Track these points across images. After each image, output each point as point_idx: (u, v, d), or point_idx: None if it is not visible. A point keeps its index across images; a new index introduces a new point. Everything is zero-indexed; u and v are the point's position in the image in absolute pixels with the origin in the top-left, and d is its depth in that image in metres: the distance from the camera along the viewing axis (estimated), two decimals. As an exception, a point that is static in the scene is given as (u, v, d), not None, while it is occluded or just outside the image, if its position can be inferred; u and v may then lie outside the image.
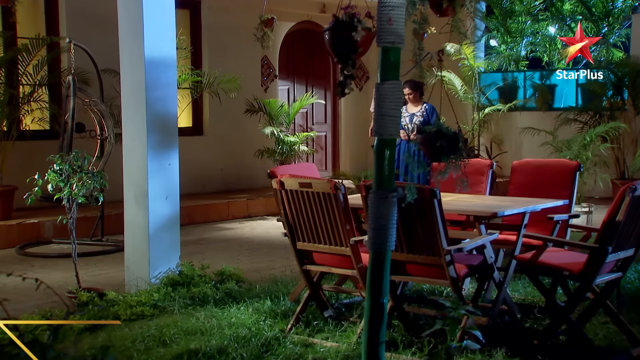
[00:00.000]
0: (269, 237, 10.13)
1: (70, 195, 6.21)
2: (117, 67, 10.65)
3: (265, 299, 6.30)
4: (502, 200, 5.94)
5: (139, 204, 6.75)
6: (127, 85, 6.80)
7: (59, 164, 6.19)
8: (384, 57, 3.94)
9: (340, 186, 5.16)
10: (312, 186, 5.28)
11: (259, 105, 12.37)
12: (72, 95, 8.73)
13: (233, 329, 5.52)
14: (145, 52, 6.59)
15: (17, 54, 9.70)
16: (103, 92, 9.52)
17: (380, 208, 3.94)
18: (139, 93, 6.65)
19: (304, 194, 5.36)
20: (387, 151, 3.91)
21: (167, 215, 6.86)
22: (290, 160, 12.44)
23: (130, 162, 6.82)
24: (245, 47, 12.65)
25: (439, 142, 4.12)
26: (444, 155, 4.15)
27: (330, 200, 5.22)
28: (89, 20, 10.92)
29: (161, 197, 6.79)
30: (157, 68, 6.70)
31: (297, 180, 5.40)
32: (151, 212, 6.71)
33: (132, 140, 6.77)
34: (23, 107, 9.84)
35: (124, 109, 6.89)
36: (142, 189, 6.71)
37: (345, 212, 5.22)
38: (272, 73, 13.67)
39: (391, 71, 3.94)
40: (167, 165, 6.81)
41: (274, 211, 12.08)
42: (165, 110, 6.80)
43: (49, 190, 6.28)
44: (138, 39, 6.63)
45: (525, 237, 5.64)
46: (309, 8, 14.00)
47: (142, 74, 6.61)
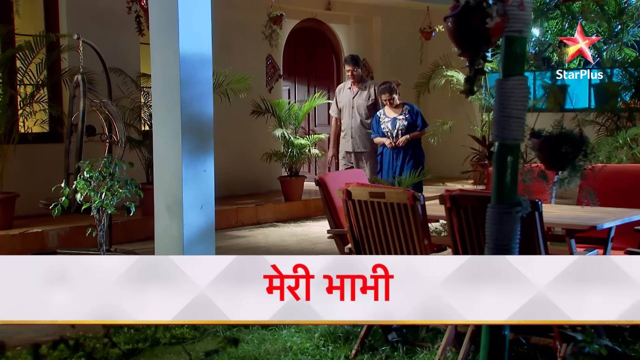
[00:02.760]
0: (286, 246, 9.56)
1: (101, 205, 5.60)
2: (121, 66, 10.19)
3: (316, 319, 5.73)
4: (590, 211, 5.41)
5: (172, 214, 6.16)
6: (159, 84, 6.20)
7: (88, 171, 5.59)
8: (508, 49, 3.40)
9: (420, 196, 4.62)
10: (385, 196, 4.74)
11: (266, 106, 11.78)
12: (82, 96, 8.10)
13: (291, 356, 4.97)
14: (180, 47, 6.00)
15: (19, 51, 9.04)
16: (111, 92, 8.89)
17: (503, 226, 3.39)
18: (173, 92, 6.06)
19: (374, 205, 4.81)
20: (509, 158, 3.37)
21: (203, 226, 6.27)
22: (299, 164, 11.89)
23: (162, 169, 6.23)
24: (250, 46, 12.10)
25: (564, 147, 3.58)
26: (568, 162, 3.61)
27: (407, 212, 4.68)
28: (90, 16, 10.31)
29: (196, 207, 6.20)
30: (193, 64, 6.11)
31: (367, 189, 4.84)
32: (186, 223, 6.11)
33: (164, 144, 6.18)
34: (25, 108, 9.17)
35: (154, 110, 6.30)
36: (176, 198, 6.12)
37: (424, 226, 4.68)
38: (276, 73, 13.09)
39: (517, 65, 3.41)
40: (202, 171, 6.23)
41: (284, 217, 11.55)
42: (200, 111, 6.21)
43: (77, 200, 5.66)
44: (172, 32, 6.02)
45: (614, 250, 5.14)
46: (314, 5, 13.45)
47: (176, 72, 6.02)
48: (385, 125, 9.27)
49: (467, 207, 4.44)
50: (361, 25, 14.53)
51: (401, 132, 9.16)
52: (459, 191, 4.48)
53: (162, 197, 6.23)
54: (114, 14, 10.48)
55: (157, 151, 6.26)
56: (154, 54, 6.24)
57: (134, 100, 10.46)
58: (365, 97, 9.80)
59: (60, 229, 9.18)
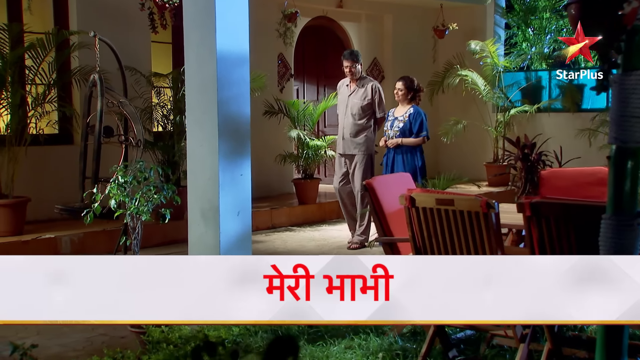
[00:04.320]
0: (307, 252, 9.21)
1: (137, 212, 5.23)
2: (132, 64, 9.79)
3: (366, 334, 5.37)
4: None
5: (207, 221, 5.78)
6: (194, 84, 5.82)
7: (123, 175, 5.21)
8: (631, 40, 3.04)
9: (494, 204, 4.27)
10: (455, 203, 4.38)
11: (280, 106, 11.40)
12: (99, 96, 7.70)
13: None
14: (217, 44, 5.62)
15: (30, 49, 8.63)
16: (127, 92, 8.49)
17: (622, 239, 3.05)
18: (209, 92, 5.68)
19: (441, 213, 4.46)
20: (630, 163, 3.01)
21: (239, 234, 5.89)
22: (314, 166, 11.51)
23: (197, 173, 5.85)
24: (263, 44, 11.70)
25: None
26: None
27: (478, 221, 4.33)
28: (101, 13, 9.93)
29: (233, 213, 5.82)
30: (230, 62, 5.73)
31: (433, 196, 4.49)
32: (222, 230, 5.74)
33: (199, 147, 5.81)
34: (36, 109, 8.76)
35: (188, 111, 5.92)
36: (212, 204, 5.74)
37: (497, 236, 4.33)
38: (288, 72, 12.69)
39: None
40: (239, 175, 5.85)
41: (298, 221, 11.19)
42: (238, 112, 5.84)
43: (112, 207, 5.28)
44: (209, 29, 5.64)
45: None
46: (325, 2, 13.07)
47: (213, 70, 5.64)
48: (387, 124, 8.85)
49: (550, 216, 4.09)
50: (372, 23, 14.16)
51: (395, 134, 8.68)
52: (541, 198, 4.13)
53: (196, 202, 5.85)
54: (125, 10, 10.10)
55: (192, 154, 5.88)
56: (188, 51, 5.86)
57: (146, 100, 10.09)
58: (360, 97, 9.11)
59: (74, 234, 8.81)
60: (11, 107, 8.54)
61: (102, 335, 5.98)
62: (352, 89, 9.22)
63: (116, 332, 6.00)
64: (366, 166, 9.09)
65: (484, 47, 13.17)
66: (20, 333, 6.01)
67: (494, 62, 13.31)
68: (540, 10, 13.96)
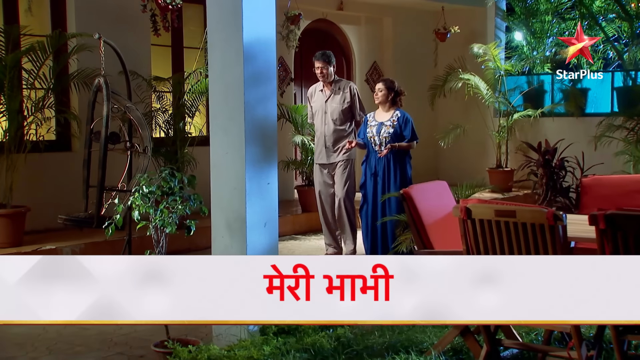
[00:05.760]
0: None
1: (162, 224, 4.88)
2: (133, 68, 9.37)
3: (407, 353, 5.04)
4: None
5: (233, 233, 5.43)
6: (218, 87, 5.47)
7: (147, 185, 4.86)
8: None
9: (562, 216, 3.95)
10: (517, 215, 4.07)
11: (282, 111, 11.04)
12: (105, 101, 7.33)
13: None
14: (244, 45, 5.28)
15: (30, 52, 8.24)
16: (131, 97, 8.11)
17: None
18: (235, 96, 5.33)
19: (500, 225, 4.14)
20: None
21: (266, 246, 5.54)
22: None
23: (221, 182, 5.49)
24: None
25: None
26: None
27: (543, 234, 4.02)
28: (100, 15, 9.54)
29: (259, 224, 5.48)
30: (257, 64, 5.39)
31: (492, 207, 4.17)
32: (249, 242, 5.38)
33: (224, 154, 5.45)
34: (36, 114, 8.36)
35: (212, 116, 5.57)
36: (238, 215, 5.39)
37: (565, 250, 4.02)
38: (288, 76, 12.33)
39: None
40: (266, 184, 5.51)
41: (302, 229, 10.85)
42: (265, 115, 5.49)
43: (135, 219, 4.92)
44: (235, 27, 5.29)
45: None
46: (325, 5, 12.74)
47: (239, 73, 5.29)
48: (371, 130, 8.25)
49: (629, 230, 3.77)
50: (372, 26, 13.85)
51: (385, 140, 8.13)
52: (617, 210, 3.82)
53: (221, 214, 5.49)
54: (125, 13, 9.74)
55: (216, 162, 5.53)
56: (212, 52, 5.51)
57: (147, 104, 9.73)
58: (339, 101, 8.65)
59: (75, 245, 8.44)
60: (9, 112, 8.15)
61: (119, 354, 5.62)
62: (327, 93, 8.76)
63: (133, 352, 5.65)
64: (349, 172, 8.67)
65: (487, 50, 12.90)
66: (30, 353, 5.66)
67: (496, 65, 13.04)
68: (542, 13, 13.72)
